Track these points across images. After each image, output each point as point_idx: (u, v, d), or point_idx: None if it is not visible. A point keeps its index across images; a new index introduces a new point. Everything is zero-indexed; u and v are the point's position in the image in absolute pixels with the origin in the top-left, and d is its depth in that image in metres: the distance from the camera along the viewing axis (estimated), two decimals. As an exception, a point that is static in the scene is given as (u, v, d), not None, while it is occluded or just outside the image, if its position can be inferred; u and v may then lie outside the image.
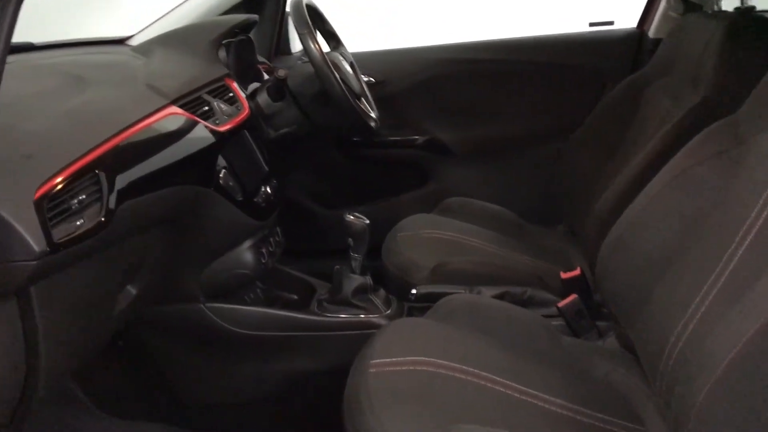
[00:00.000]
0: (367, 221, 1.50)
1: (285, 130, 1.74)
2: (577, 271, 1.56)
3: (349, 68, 1.83)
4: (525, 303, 1.53)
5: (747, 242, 1.02)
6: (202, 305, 1.48)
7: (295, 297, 1.68)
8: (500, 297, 1.52)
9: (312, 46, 1.62)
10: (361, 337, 1.34)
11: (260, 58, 1.94)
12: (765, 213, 1.02)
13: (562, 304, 1.46)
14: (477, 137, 2.26)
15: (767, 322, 0.80)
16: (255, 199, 1.53)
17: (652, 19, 2.19)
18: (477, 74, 2.25)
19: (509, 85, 2.25)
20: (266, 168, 1.60)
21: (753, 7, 1.55)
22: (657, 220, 1.19)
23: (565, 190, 2.00)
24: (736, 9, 1.58)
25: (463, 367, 1.15)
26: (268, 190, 1.58)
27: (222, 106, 1.47)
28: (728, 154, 1.14)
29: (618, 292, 1.24)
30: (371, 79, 2.16)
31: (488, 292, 1.53)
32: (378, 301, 1.56)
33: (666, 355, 1.05)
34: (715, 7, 1.70)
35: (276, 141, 1.73)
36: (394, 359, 1.16)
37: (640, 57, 2.17)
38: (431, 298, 1.47)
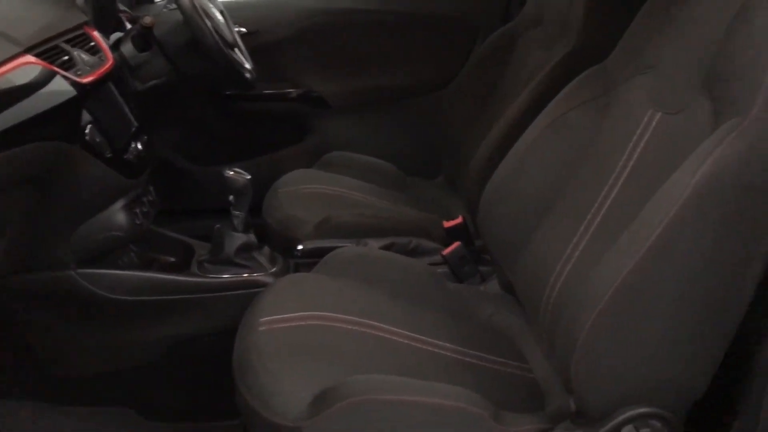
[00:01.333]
0: (248, 176, 1.45)
1: (153, 81, 1.65)
2: (459, 220, 1.60)
3: (220, 16, 1.74)
4: (411, 253, 1.55)
5: (620, 183, 1.08)
6: (72, 272, 1.38)
7: (173, 259, 1.61)
8: (387, 248, 1.53)
9: (180, -9, 1.52)
10: (247, 296, 1.31)
11: (121, 7, 1.81)
12: (635, 155, 1.08)
13: (446, 251, 1.49)
14: (354, 89, 2.24)
15: (642, 258, 0.84)
16: (125, 156, 1.44)
17: (521, -28, 2.24)
18: (352, 24, 2.22)
19: (385, 37, 2.23)
20: (135, 123, 1.51)
21: (616, -41, 1.62)
22: (534, 165, 1.24)
23: (444, 141, 2.03)
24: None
25: (355, 318, 1.15)
26: (139, 146, 1.49)
27: (83, 56, 1.36)
28: (599, 100, 1.20)
29: (499, 238, 1.28)
30: (243, 29, 2.07)
31: (375, 243, 1.53)
32: (263, 259, 1.52)
33: (547, 293, 1.10)
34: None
35: (144, 94, 1.63)
36: (283, 316, 1.14)
37: (511, 8, 2.22)
38: (317, 254, 1.46)
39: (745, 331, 0.89)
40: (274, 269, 1.50)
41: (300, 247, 1.56)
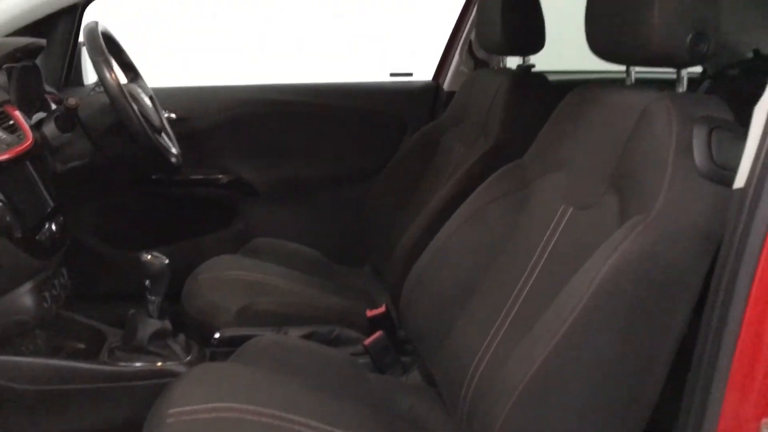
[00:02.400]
0: (166, 260, 1.42)
1: (74, 163, 1.61)
2: (382, 309, 1.59)
3: (148, 101, 1.74)
4: (333, 342, 1.52)
5: (535, 275, 1.10)
6: None
7: (82, 346, 1.53)
8: (308, 337, 1.50)
9: (107, 74, 1.52)
10: (159, 386, 1.25)
11: (48, 88, 1.79)
12: (549, 248, 1.11)
13: (368, 341, 1.47)
14: (283, 177, 2.25)
15: (554, 348, 0.86)
16: (37, 237, 1.39)
17: (446, 74, 2.36)
18: (284, 115, 2.25)
19: (316, 128, 2.27)
20: (51, 203, 1.46)
21: (532, 65, 1.73)
22: (454, 256, 1.26)
23: (370, 230, 2.05)
24: (518, 66, 1.75)
25: (268, 410, 1.11)
26: (53, 227, 1.44)
27: (0, 134, 1.33)
28: (516, 194, 1.24)
29: (420, 327, 1.28)
30: (173, 114, 2.08)
31: (295, 332, 1.51)
32: (177, 348, 1.46)
33: (466, 385, 1.09)
34: (501, 65, 1.86)
35: (64, 174, 1.59)
36: (194, 407, 1.09)
37: (436, 106, 2.31)
38: (236, 342, 1.42)
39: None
40: (189, 358, 1.45)
41: (217, 335, 1.52)
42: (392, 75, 2.47)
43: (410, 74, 2.49)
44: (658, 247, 0.87)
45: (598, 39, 1.09)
